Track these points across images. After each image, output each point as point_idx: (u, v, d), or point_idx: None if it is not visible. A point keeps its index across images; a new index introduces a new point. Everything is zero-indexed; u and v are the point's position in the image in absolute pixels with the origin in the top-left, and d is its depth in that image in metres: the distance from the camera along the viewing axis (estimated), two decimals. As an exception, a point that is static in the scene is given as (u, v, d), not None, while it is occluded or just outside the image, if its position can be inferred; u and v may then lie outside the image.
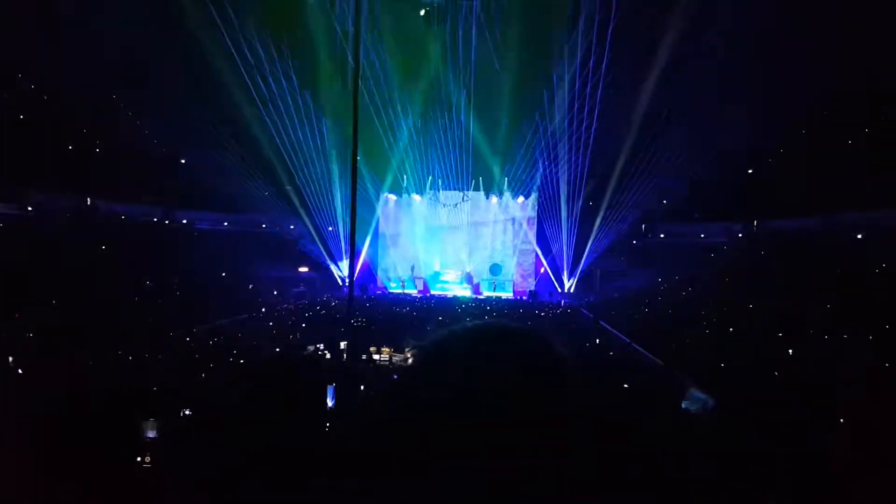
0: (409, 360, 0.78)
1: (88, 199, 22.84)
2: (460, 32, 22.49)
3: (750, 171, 23.70)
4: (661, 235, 27.52)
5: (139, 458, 5.13)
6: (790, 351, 10.74)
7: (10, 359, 8.94)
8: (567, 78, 22.81)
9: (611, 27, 20.73)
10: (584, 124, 23.75)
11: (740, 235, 23.90)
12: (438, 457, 0.68)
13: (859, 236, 17.60)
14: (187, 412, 6.05)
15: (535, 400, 0.70)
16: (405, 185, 29.35)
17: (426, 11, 22.15)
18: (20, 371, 8.50)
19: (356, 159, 7.39)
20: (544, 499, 0.65)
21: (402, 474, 0.69)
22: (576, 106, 23.41)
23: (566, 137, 24.39)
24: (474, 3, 21.67)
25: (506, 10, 21.50)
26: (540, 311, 20.74)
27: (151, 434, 5.62)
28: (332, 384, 5.30)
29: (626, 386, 7.85)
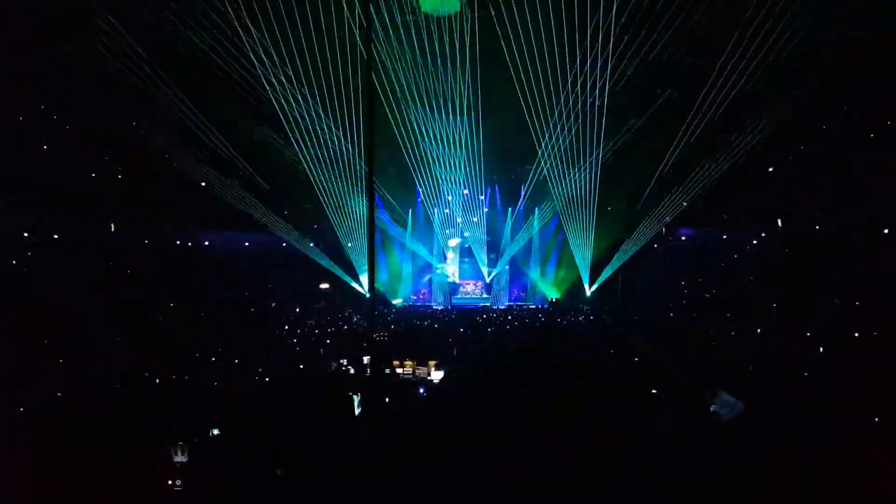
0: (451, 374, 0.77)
1: (112, 225, 23.28)
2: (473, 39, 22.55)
3: (770, 170, 23.36)
4: (683, 237, 27.20)
5: (170, 482, 5.22)
6: (821, 349, 10.55)
7: (34, 380, 9.11)
8: (588, 83, 22.73)
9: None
10: (603, 130, 23.68)
11: (763, 235, 23.53)
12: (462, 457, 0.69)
13: (885, 231, 17.25)
14: (216, 432, 6.13)
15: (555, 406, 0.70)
16: (424, 197, 29.45)
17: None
18: (44, 393, 8.66)
19: (371, 177, 7.46)
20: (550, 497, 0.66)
21: (426, 473, 0.71)
22: (595, 111, 23.34)
23: (586, 143, 24.32)
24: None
25: (519, 16, 21.51)
26: (562, 320, 20.62)
27: (180, 458, 5.71)
28: (357, 394, 5.36)
29: (653, 391, 7.77)
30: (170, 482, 5.75)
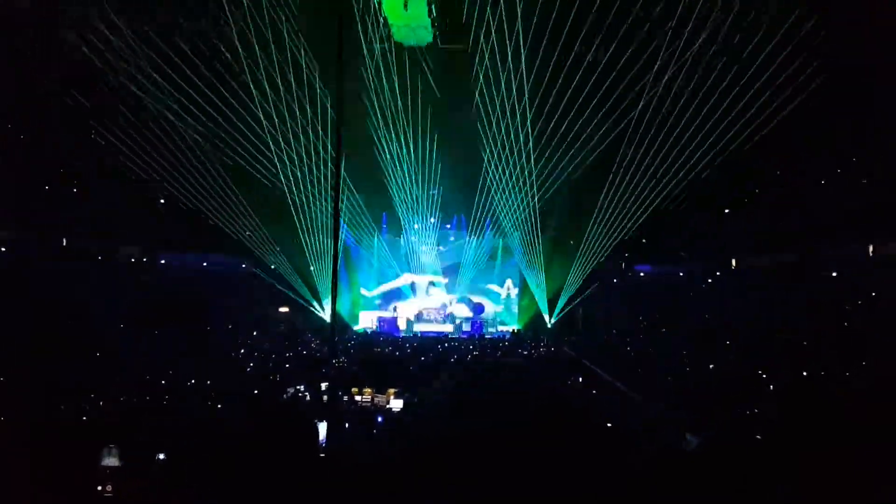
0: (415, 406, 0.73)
1: (64, 239, 22.53)
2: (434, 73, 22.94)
3: (727, 211, 24.20)
4: (641, 273, 27.81)
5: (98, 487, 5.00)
6: (771, 386, 10.81)
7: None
8: (544, 116, 23.19)
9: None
10: (563, 162, 24.16)
11: (718, 273, 24.27)
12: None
13: (833, 274, 17.99)
14: (161, 457, 5.88)
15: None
16: (389, 226, 29.47)
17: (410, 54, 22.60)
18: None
19: (338, 204, 7.42)
20: None
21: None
22: (554, 144, 23.85)
23: (546, 176, 24.74)
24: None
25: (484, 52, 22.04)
26: (522, 350, 20.68)
27: (110, 462, 5.47)
28: (321, 422, 5.21)
29: (609, 425, 7.80)
30: (98, 488, 5.44)
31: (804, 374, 11.06)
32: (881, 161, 17.42)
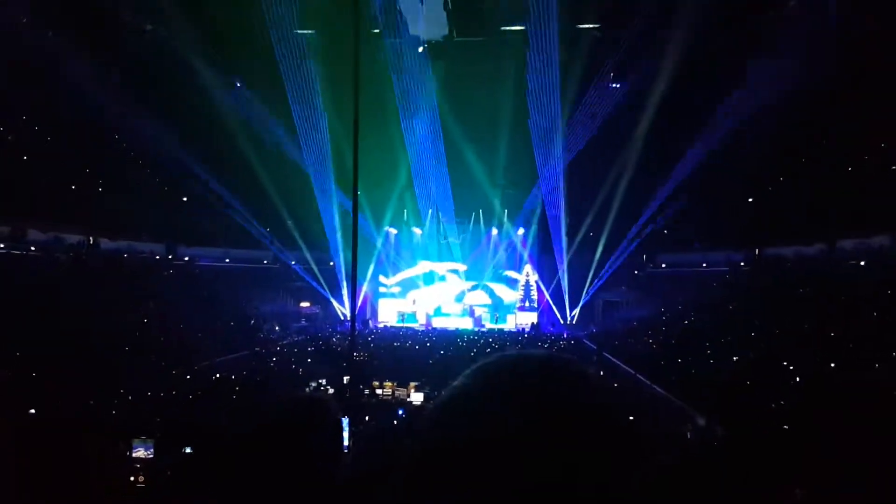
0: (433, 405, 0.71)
1: (91, 238, 22.94)
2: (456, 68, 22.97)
3: (750, 200, 23.77)
4: (663, 265, 27.49)
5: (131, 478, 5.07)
6: (797, 378, 10.63)
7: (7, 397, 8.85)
8: (566, 110, 23.09)
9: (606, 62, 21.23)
10: (583, 155, 24.01)
11: (742, 264, 23.84)
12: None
13: (862, 263, 17.56)
14: (187, 450, 5.99)
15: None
16: (406, 218, 29.53)
17: (423, 48, 22.61)
18: (17, 410, 8.41)
19: (356, 195, 7.43)
20: None
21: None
22: (575, 137, 23.71)
23: (565, 168, 24.59)
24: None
25: (502, 46, 21.98)
26: (543, 343, 20.60)
27: (143, 454, 5.55)
28: (344, 416, 5.24)
29: (631, 419, 7.75)
30: (131, 479, 5.54)
31: (832, 366, 10.87)
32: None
